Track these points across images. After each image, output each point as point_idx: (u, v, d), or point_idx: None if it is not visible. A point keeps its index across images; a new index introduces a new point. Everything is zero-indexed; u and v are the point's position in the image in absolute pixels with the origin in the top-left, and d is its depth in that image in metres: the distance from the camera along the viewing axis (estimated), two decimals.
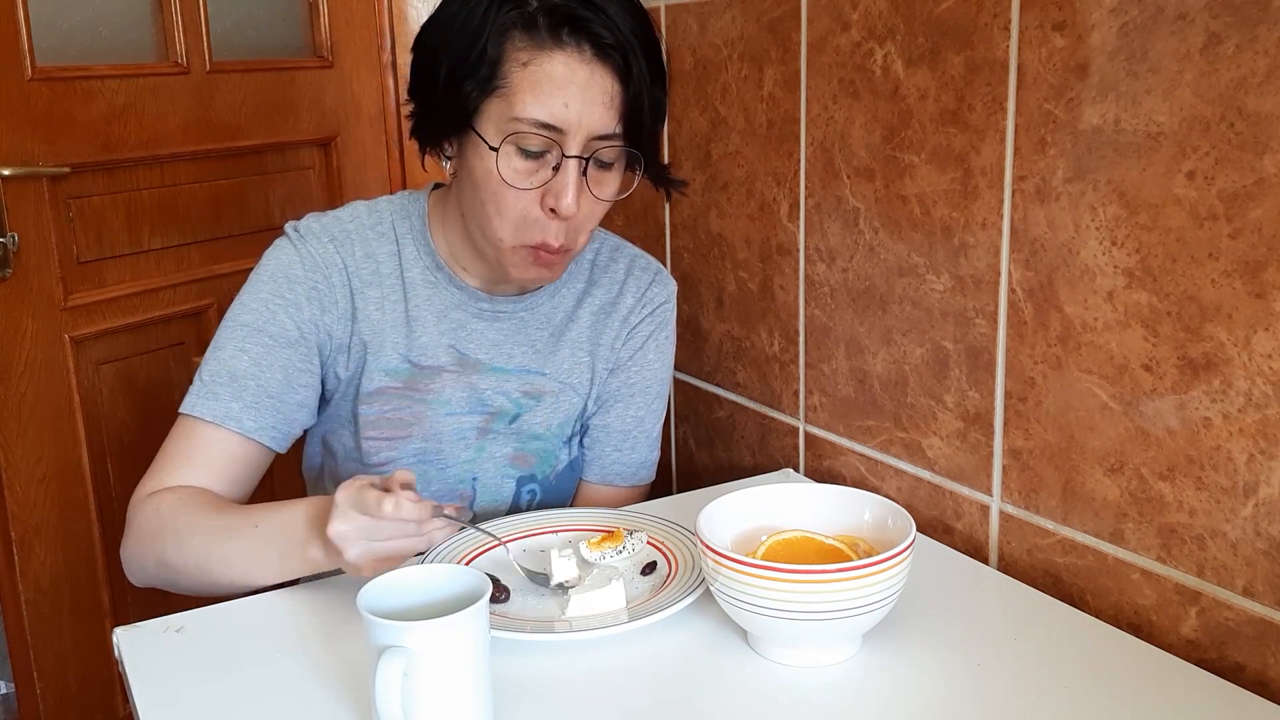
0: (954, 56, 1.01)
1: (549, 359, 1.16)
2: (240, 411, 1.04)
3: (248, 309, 1.07)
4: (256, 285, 1.08)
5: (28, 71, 1.54)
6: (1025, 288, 0.98)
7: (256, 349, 1.06)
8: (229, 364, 1.05)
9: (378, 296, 1.11)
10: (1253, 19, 0.77)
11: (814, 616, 0.80)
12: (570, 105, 0.96)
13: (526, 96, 0.96)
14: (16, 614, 1.61)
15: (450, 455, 1.14)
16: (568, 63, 0.96)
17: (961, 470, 1.08)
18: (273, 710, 0.82)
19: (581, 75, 0.96)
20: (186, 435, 1.06)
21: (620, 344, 1.19)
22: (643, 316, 1.19)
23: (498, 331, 1.14)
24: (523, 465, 1.17)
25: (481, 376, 1.14)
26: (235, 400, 1.04)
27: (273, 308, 1.07)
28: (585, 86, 0.96)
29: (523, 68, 0.96)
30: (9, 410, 1.55)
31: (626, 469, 1.22)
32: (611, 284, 1.19)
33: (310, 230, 1.10)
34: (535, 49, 0.96)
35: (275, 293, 1.07)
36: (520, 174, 0.99)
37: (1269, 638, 0.82)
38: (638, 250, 1.23)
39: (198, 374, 1.07)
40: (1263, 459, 0.81)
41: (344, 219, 1.12)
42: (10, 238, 1.52)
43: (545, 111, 0.96)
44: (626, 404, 1.20)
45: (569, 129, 0.97)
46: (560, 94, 0.96)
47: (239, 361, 1.05)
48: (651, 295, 1.20)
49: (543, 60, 0.96)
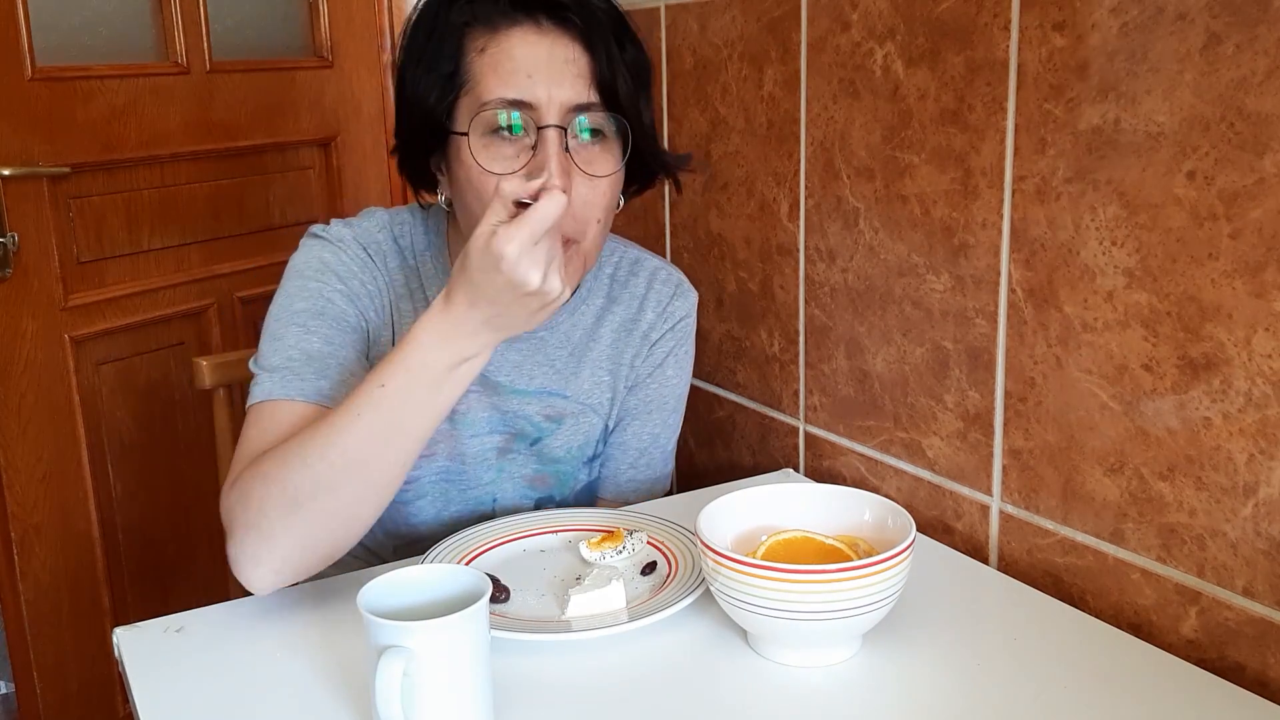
0: (954, 56, 1.01)
1: (570, 380, 1.13)
2: (330, 389, 0.96)
3: (300, 298, 1.00)
4: (301, 279, 1.02)
5: (28, 72, 1.54)
6: (1025, 288, 0.98)
7: (324, 329, 0.99)
8: (299, 347, 0.97)
9: (410, 311, 1.07)
10: (1253, 19, 0.77)
11: (814, 616, 0.80)
12: (535, 77, 0.93)
13: (490, 80, 0.94)
14: (16, 614, 1.61)
15: (473, 476, 1.12)
16: (524, 37, 0.93)
17: (961, 470, 1.08)
18: (273, 710, 0.82)
19: (542, 48, 0.93)
20: (270, 418, 0.95)
21: (640, 361, 1.16)
22: (664, 332, 1.16)
23: (517, 352, 1.11)
24: (541, 486, 1.15)
25: (503, 398, 1.11)
26: (321, 378, 0.96)
27: (327, 294, 1.01)
28: (548, 57, 0.93)
29: (481, 54, 0.94)
30: (9, 410, 1.55)
31: (641, 486, 1.20)
32: (632, 300, 1.15)
33: (342, 237, 1.05)
34: (490, 33, 0.94)
35: (326, 282, 1.01)
36: (499, 159, 0.94)
37: (1269, 638, 0.82)
38: (660, 261, 1.18)
39: (259, 366, 0.98)
40: (1263, 459, 0.81)
41: (372, 229, 1.07)
42: (10, 238, 1.52)
43: (510, 89, 0.93)
44: (644, 421, 1.17)
45: (539, 103, 0.93)
46: (522, 68, 0.93)
47: (310, 343, 0.98)
48: (673, 309, 1.16)
49: (499, 41, 0.94)
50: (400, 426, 0.87)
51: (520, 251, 0.80)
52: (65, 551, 1.64)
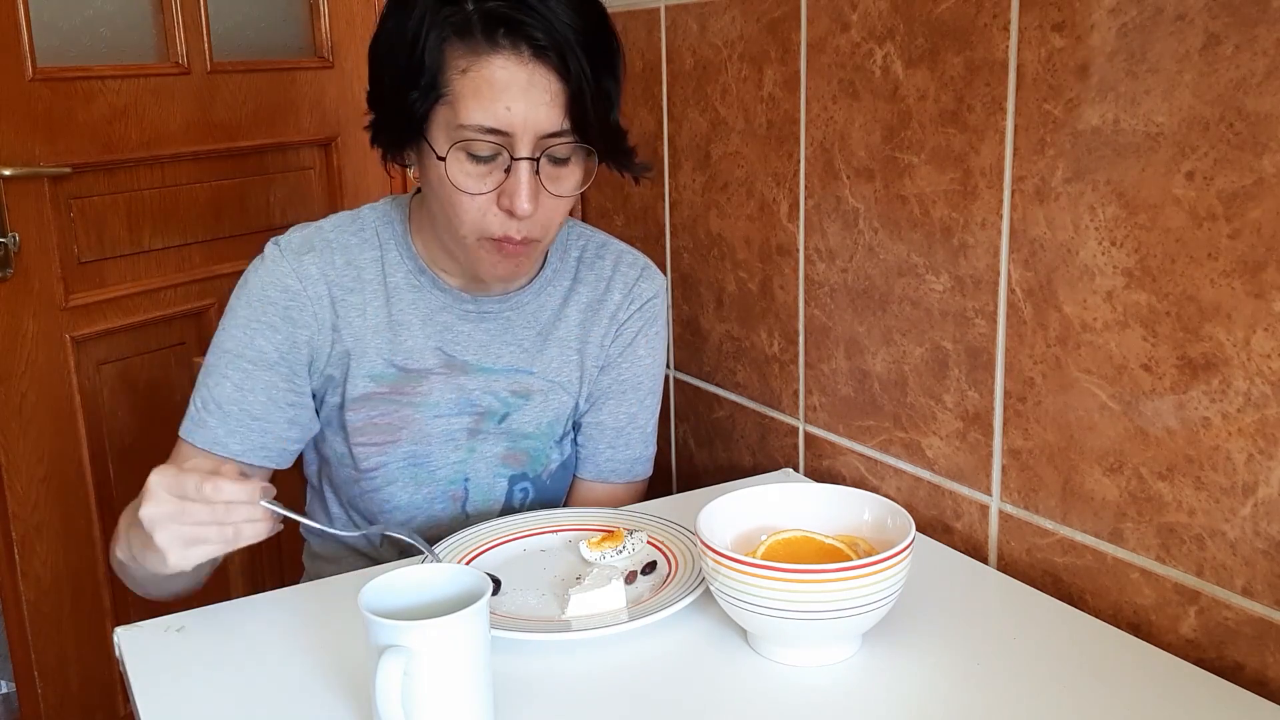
0: (953, 57, 1.01)
1: (537, 358, 1.16)
2: (225, 436, 1.07)
3: (229, 335, 1.09)
4: (235, 310, 1.10)
5: (29, 72, 1.54)
6: (1024, 288, 0.98)
7: (238, 375, 1.08)
8: (214, 392, 1.08)
9: (359, 303, 1.11)
10: (1252, 19, 0.78)
11: (814, 616, 0.80)
12: (513, 108, 0.96)
13: (470, 103, 0.96)
14: (17, 613, 1.61)
15: (440, 457, 1.14)
16: (506, 66, 0.96)
17: (961, 470, 1.08)
18: (273, 710, 0.82)
19: (521, 77, 0.96)
20: (177, 453, 1.09)
21: (609, 341, 1.19)
22: (631, 313, 1.19)
23: (484, 332, 1.14)
24: (514, 464, 1.17)
25: (469, 377, 1.14)
26: (220, 426, 1.07)
27: (249, 332, 1.08)
28: (526, 88, 0.96)
29: (462, 74, 0.97)
30: (10, 410, 1.55)
31: (621, 466, 1.22)
32: (598, 281, 1.19)
33: (290, 244, 1.10)
34: (473, 55, 0.96)
35: (251, 317, 1.08)
36: (473, 178, 0.99)
37: (1268, 637, 0.83)
38: (625, 246, 1.22)
39: (191, 400, 1.10)
40: (1262, 459, 0.81)
41: (325, 228, 1.13)
42: (11, 238, 1.52)
43: (489, 116, 0.96)
44: (619, 401, 1.20)
45: (515, 131, 0.97)
46: (502, 98, 0.96)
47: (222, 389, 1.08)
48: (639, 291, 1.20)
49: (481, 66, 0.96)
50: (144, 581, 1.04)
51: (162, 513, 0.87)
52: (66, 551, 1.64)
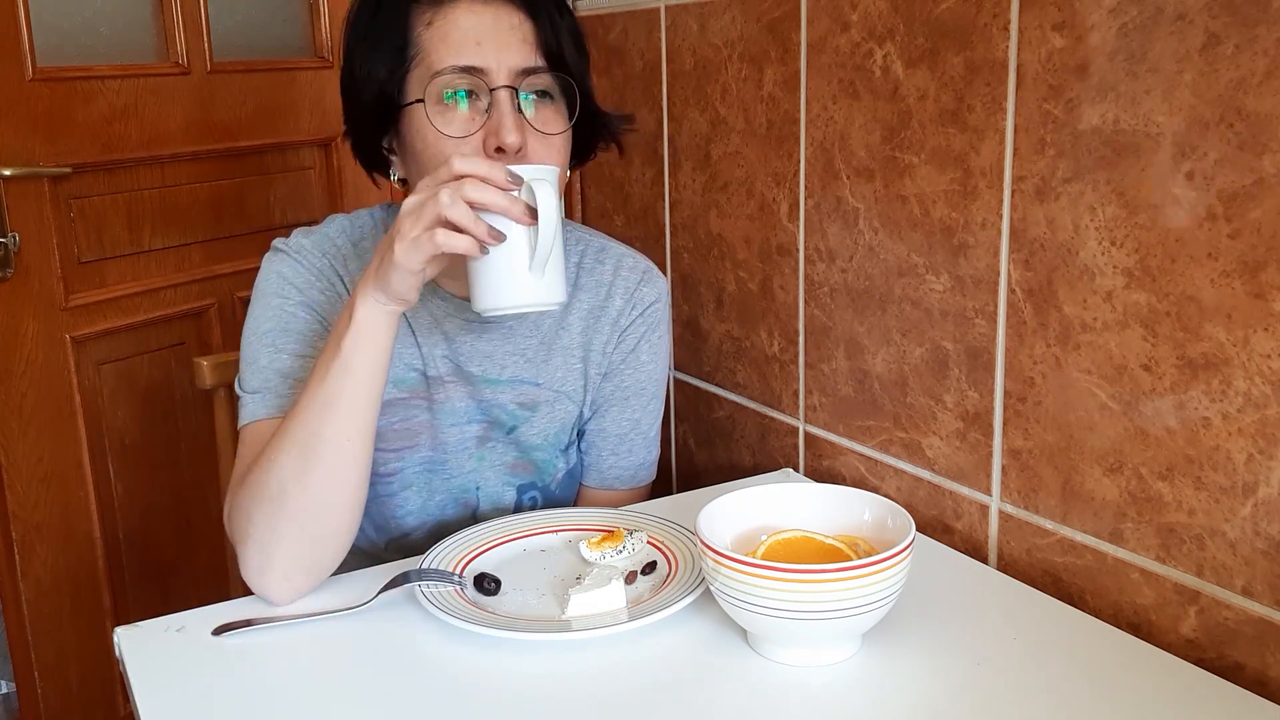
0: (953, 57, 1.01)
1: (541, 368, 1.15)
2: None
3: (265, 318, 1.06)
4: (264, 298, 1.07)
5: (29, 72, 1.54)
6: (1025, 288, 0.98)
7: (291, 345, 1.04)
8: (273, 368, 1.04)
9: None
10: (1252, 19, 0.78)
11: (814, 616, 0.80)
12: (483, 44, 0.97)
13: (440, 49, 0.98)
14: (17, 613, 1.61)
15: (455, 465, 1.13)
16: (470, 8, 0.98)
17: (961, 470, 1.08)
18: (273, 710, 0.82)
19: (487, 17, 0.98)
20: (257, 437, 1.01)
21: (612, 348, 1.17)
22: (633, 318, 1.17)
23: (488, 343, 1.13)
24: (523, 473, 1.17)
25: (477, 389, 1.13)
26: (293, 393, 1.02)
27: (289, 309, 1.06)
28: (493, 26, 0.98)
29: (429, 27, 0.99)
30: (10, 410, 1.56)
31: (625, 472, 1.21)
32: (599, 286, 1.17)
33: (301, 246, 1.09)
34: (435, 7, 0.99)
35: (286, 297, 1.06)
36: (455, 123, 0.99)
37: (1268, 637, 0.83)
38: (625, 249, 1.20)
39: (241, 389, 1.05)
40: (1262, 459, 0.81)
41: (331, 235, 1.11)
42: (11, 238, 1.53)
43: (460, 55, 0.98)
44: (621, 408, 1.19)
45: (489, 67, 0.98)
46: (470, 36, 0.98)
47: (281, 361, 1.04)
48: (641, 295, 1.18)
49: (445, 13, 0.98)
50: (337, 392, 0.92)
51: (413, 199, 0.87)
52: (66, 551, 1.64)
